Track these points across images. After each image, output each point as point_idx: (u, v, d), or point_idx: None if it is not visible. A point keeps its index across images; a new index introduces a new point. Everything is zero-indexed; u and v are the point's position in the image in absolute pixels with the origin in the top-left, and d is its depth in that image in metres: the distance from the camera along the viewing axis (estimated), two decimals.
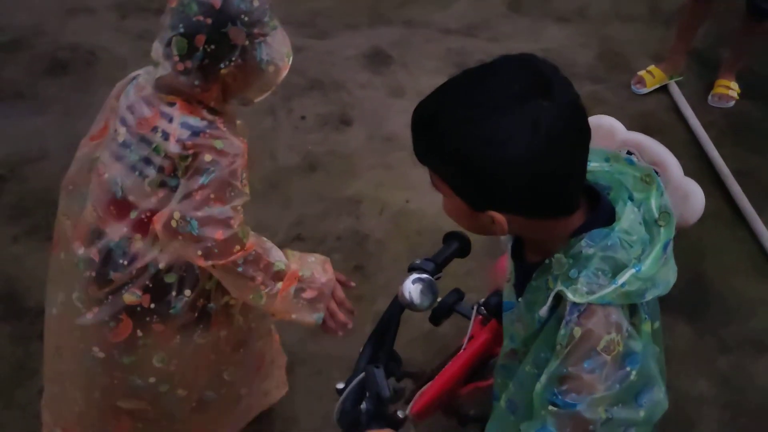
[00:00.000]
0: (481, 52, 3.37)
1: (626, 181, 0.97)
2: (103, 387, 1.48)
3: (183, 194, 1.24)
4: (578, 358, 0.89)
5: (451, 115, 0.87)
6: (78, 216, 1.39)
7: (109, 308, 1.37)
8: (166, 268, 1.33)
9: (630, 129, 2.99)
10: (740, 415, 2.01)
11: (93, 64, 3.14)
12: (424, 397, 1.37)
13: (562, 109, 0.85)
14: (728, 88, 3.13)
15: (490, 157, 0.84)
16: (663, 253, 0.90)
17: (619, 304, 0.89)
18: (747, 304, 2.31)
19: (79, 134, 2.74)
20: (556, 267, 0.93)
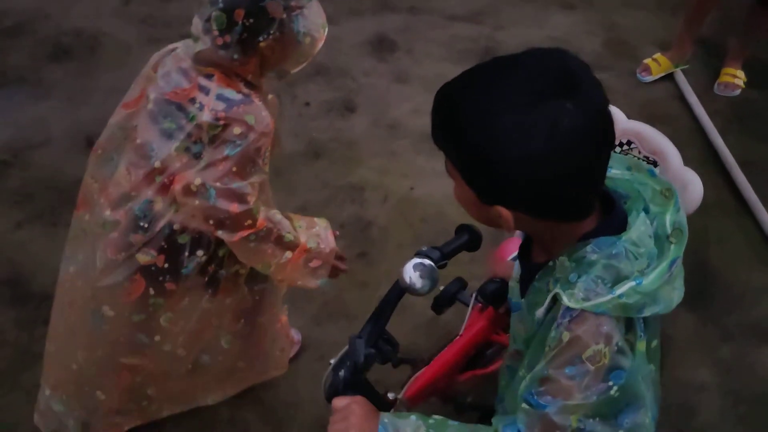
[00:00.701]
0: (487, 39, 3.35)
1: (645, 193, 0.95)
2: (109, 344, 1.53)
3: (207, 162, 1.28)
4: (561, 363, 0.88)
5: (472, 104, 0.85)
6: (107, 179, 1.43)
7: (124, 269, 1.41)
8: (180, 229, 1.36)
9: (636, 117, 2.99)
10: (741, 403, 2.02)
11: (96, 49, 3.14)
12: (418, 382, 1.38)
13: (585, 113, 0.82)
14: (734, 77, 3.12)
15: (503, 153, 0.82)
16: (668, 270, 0.88)
17: (615, 315, 0.87)
18: (750, 293, 2.31)
19: (83, 119, 2.78)
20: (558, 269, 0.92)
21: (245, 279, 1.53)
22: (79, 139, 2.70)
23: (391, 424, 0.99)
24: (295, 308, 2.11)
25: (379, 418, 1.01)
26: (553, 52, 0.86)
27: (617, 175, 0.97)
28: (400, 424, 0.99)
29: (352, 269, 2.26)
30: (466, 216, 1.00)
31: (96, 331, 1.52)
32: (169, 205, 1.35)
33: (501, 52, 3.60)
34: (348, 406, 1.04)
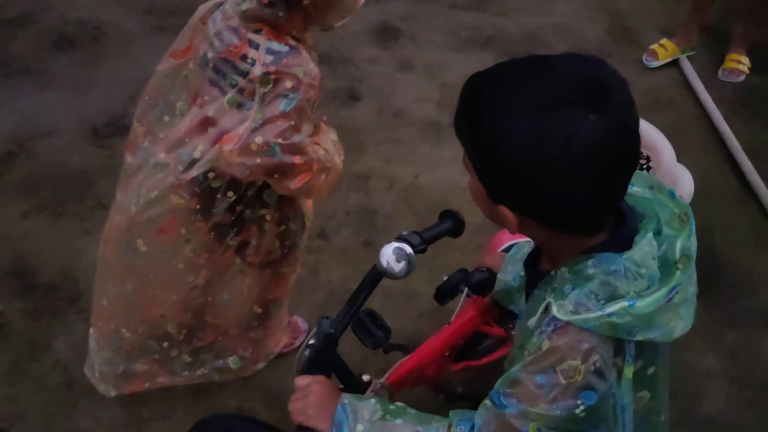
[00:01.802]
0: (490, 26, 3.34)
1: (663, 214, 0.92)
2: (138, 278, 1.62)
3: (264, 119, 1.32)
4: (535, 369, 0.87)
5: (494, 98, 0.83)
6: (152, 124, 1.51)
7: (159, 208, 1.50)
8: (214, 175, 1.42)
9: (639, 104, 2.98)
10: (747, 389, 2.03)
11: (100, 39, 3.13)
12: (401, 369, 1.38)
13: (607, 129, 0.78)
14: (739, 63, 3.11)
15: (514, 154, 0.80)
16: (667, 296, 0.84)
17: (603, 334, 0.84)
18: (756, 279, 2.31)
19: (88, 109, 2.78)
20: (558, 280, 0.90)
21: (278, 234, 1.59)
22: (85, 129, 2.70)
23: (350, 405, 1.00)
24: (300, 297, 2.12)
25: (340, 399, 1.02)
26: (590, 61, 0.83)
27: (638, 192, 0.95)
28: (359, 406, 1.00)
29: (357, 257, 2.28)
30: (470, 204, 1.00)
31: (128, 265, 1.61)
32: (210, 156, 1.41)
33: (504, 40, 3.61)
34: (309, 386, 1.06)
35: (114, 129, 2.72)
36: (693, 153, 2.77)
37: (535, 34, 3.32)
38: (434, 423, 0.99)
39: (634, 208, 0.94)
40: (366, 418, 0.99)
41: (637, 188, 0.95)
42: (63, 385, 1.93)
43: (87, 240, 2.29)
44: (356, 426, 0.98)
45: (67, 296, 2.14)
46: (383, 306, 2.15)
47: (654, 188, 0.96)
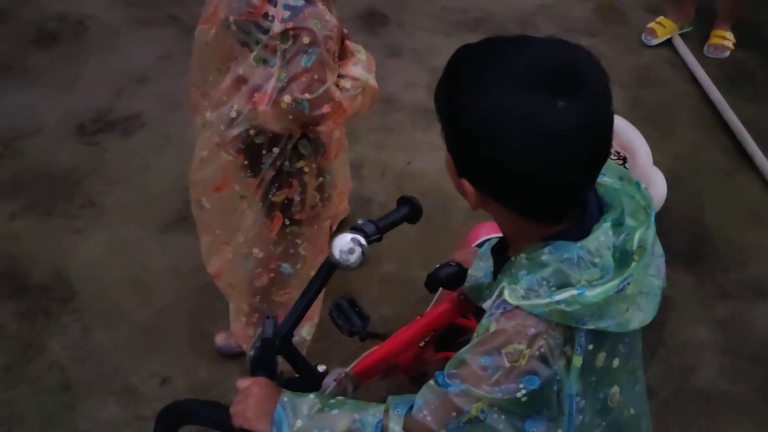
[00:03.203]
0: (478, 9, 3.33)
1: (628, 205, 0.91)
2: (210, 233, 1.75)
3: (289, 77, 1.35)
4: (480, 351, 0.87)
5: (473, 70, 0.83)
6: (206, 85, 1.57)
7: (212, 165, 1.59)
8: (255, 132, 1.48)
9: (629, 83, 3.00)
10: (740, 360, 2.06)
11: (82, 33, 3.09)
12: (368, 359, 1.38)
13: (576, 117, 0.77)
14: (724, 39, 3.12)
15: (480, 128, 0.80)
16: (618, 287, 0.83)
17: (551, 320, 0.84)
18: (745, 251, 2.34)
19: (74, 106, 2.75)
20: (516, 265, 0.90)
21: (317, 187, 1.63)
22: (71, 126, 2.68)
23: (289, 403, 1.01)
24: None
25: (279, 398, 1.02)
26: (572, 49, 0.82)
27: (609, 183, 0.94)
28: (298, 403, 1.01)
29: None
30: None
31: (200, 219, 1.75)
32: (246, 116, 1.46)
33: (491, 23, 3.60)
34: (248, 388, 1.07)
35: (101, 125, 2.69)
36: (682, 129, 2.79)
37: (523, 16, 3.32)
38: (371, 409, 0.99)
39: (603, 197, 0.93)
40: (305, 413, 1.00)
41: (607, 178, 0.95)
42: (60, 387, 1.92)
43: (78, 239, 2.28)
44: (295, 422, 0.99)
45: (61, 296, 2.12)
46: (381, 293, 2.17)
47: (624, 179, 0.95)
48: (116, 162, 2.55)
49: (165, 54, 3.02)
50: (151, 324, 2.06)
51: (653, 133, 2.75)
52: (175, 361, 1.98)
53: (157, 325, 2.06)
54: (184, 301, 2.12)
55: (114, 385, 1.92)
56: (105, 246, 2.26)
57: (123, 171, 2.52)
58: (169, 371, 1.96)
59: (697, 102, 2.90)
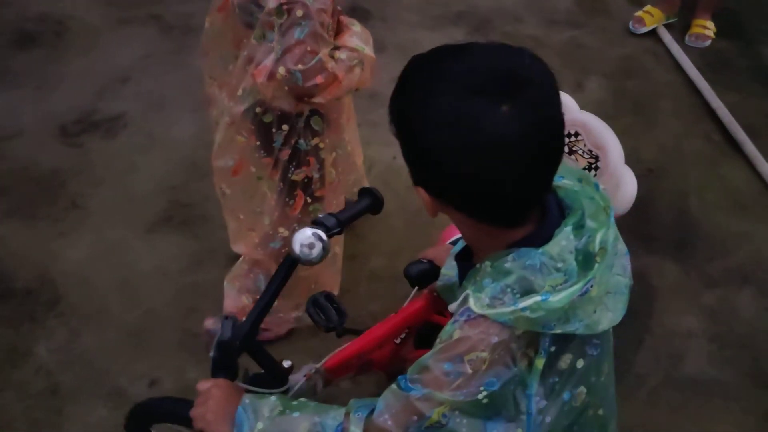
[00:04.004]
0: (461, 2, 3.33)
1: (588, 207, 0.91)
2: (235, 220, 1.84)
3: (283, 49, 1.40)
4: (444, 357, 0.87)
5: (420, 79, 0.83)
6: (222, 75, 1.62)
7: (229, 150, 1.65)
8: (263, 110, 1.53)
9: (612, 73, 3.01)
10: (727, 347, 2.08)
11: (63, 34, 3.06)
12: (339, 355, 1.37)
13: (520, 122, 0.77)
14: (705, 28, 3.14)
15: (427, 137, 0.81)
16: (581, 290, 0.83)
17: (517, 327, 0.84)
18: (730, 239, 2.36)
19: (55, 107, 2.72)
20: (480, 273, 0.90)
21: (333, 162, 1.67)
22: (53, 128, 2.65)
23: (251, 406, 1.01)
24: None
25: (241, 400, 1.02)
26: (515, 53, 0.82)
27: (568, 185, 0.94)
28: (260, 405, 1.01)
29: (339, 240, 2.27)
30: None
31: (225, 205, 1.82)
32: (248, 90, 1.50)
33: (474, 15, 3.60)
34: (208, 391, 1.06)
35: (84, 126, 2.67)
36: (665, 119, 2.80)
37: (505, 8, 3.32)
38: (332, 412, 1.00)
39: (564, 200, 0.94)
40: (266, 416, 0.99)
41: (566, 180, 0.95)
42: (47, 391, 1.90)
43: (63, 242, 2.26)
44: (256, 424, 0.99)
45: (46, 300, 2.10)
46: (370, 289, 2.17)
47: (582, 181, 0.95)
48: (100, 163, 2.53)
49: (147, 53, 2.99)
50: (139, 326, 2.05)
51: (637, 122, 2.77)
52: (163, 363, 1.97)
53: (144, 326, 2.05)
54: (171, 302, 2.11)
55: (102, 388, 1.90)
56: (90, 248, 2.25)
57: (107, 172, 2.50)
58: (158, 373, 1.94)
59: (680, 91, 2.92)
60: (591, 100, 2.85)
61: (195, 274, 2.19)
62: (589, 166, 1.47)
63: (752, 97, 2.89)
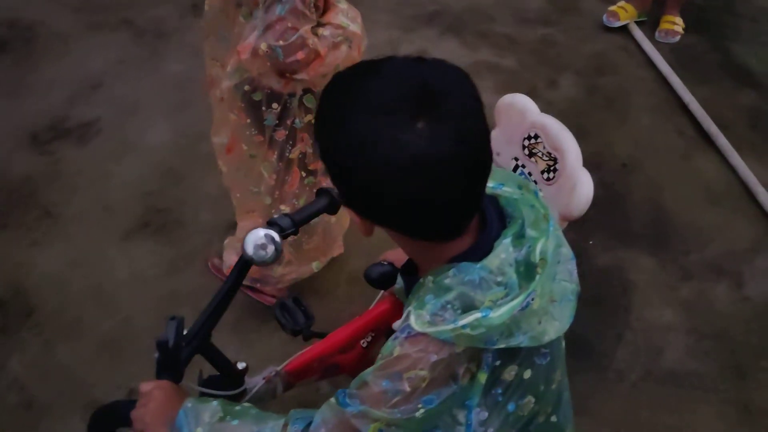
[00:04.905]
0: (434, 2, 3.33)
1: (528, 215, 0.89)
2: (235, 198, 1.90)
3: (265, 25, 1.44)
4: (383, 374, 0.86)
5: (335, 101, 0.82)
6: (224, 56, 1.63)
7: (224, 128, 1.70)
8: (251, 88, 1.57)
9: (584, 70, 3.04)
10: (704, 339, 2.10)
11: (32, 40, 3.01)
12: (301, 358, 1.36)
13: (438, 136, 0.75)
14: (673, 24, 3.19)
15: (346, 160, 0.79)
16: (522, 304, 0.82)
17: (458, 345, 0.82)
18: (705, 232, 2.39)
19: (26, 115, 2.68)
20: (423, 288, 0.87)
21: None
22: (24, 136, 2.60)
23: (192, 410, 1.00)
24: None
25: (183, 404, 1.01)
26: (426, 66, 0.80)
27: (508, 193, 0.92)
28: (201, 409, 0.99)
29: None
30: None
31: (225, 183, 1.88)
32: (234, 66, 1.54)
33: (448, 15, 3.60)
34: (150, 392, 1.05)
35: (56, 133, 2.62)
36: (638, 114, 2.83)
37: (478, 7, 3.33)
38: (270, 422, 0.99)
39: (505, 208, 0.92)
40: (206, 421, 0.98)
41: (507, 188, 0.93)
42: (21, 406, 1.86)
43: (35, 251, 2.22)
44: (196, 429, 0.98)
45: (19, 312, 2.06)
46: (349, 291, 2.16)
47: (522, 188, 0.93)
48: (73, 171, 2.49)
49: (119, 58, 2.96)
50: (115, 335, 2.02)
51: (611, 118, 2.80)
52: (141, 372, 1.90)
53: (121, 335, 2.01)
54: (148, 310, 2.08)
55: (78, 400, 1.87)
56: (64, 257, 2.21)
57: (80, 179, 2.46)
58: (136, 382, 1.87)
59: (652, 86, 2.95)
60: (565, 96, 2.88)
61: (172, 280, 2.16)
62: (548, 168, 1.48)
63: (722, 90, 2.93)
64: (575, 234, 2.31)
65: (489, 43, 3.12)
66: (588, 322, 2.11)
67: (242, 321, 2.05)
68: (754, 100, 2.90)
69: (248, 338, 2.01)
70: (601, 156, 2.62)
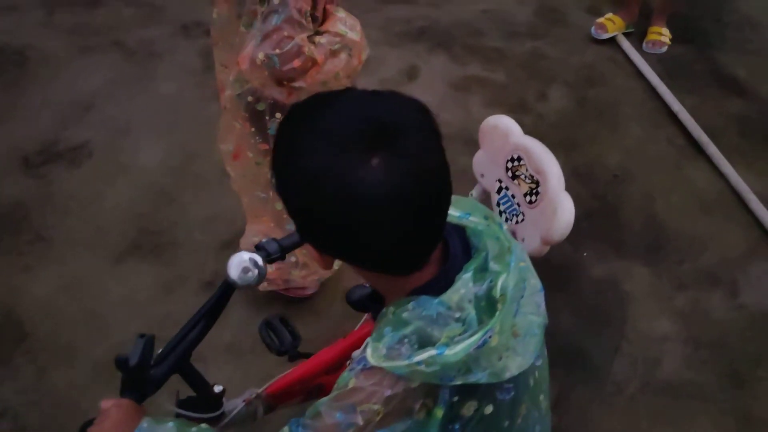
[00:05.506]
0: (422, 18, 3.35)
1: (493, 248, 0.87)
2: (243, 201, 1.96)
3: (262, 35, 1.47)
4: (337, 406, 0.85)
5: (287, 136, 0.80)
6: (232, 63, 1.65)
7: (230, 135, 1.73)
8: (255, 99, 1.60)
9: (573, 81, 3.06)
10: (701, 348, 2.10)
11: (23, 64, 3.01)
12: (282, 381, 1.34)
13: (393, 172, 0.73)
14: (660, 34, 3.22)
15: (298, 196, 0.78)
16: (479, 341, 0.79)
17: (414, 380, 0.81)
18: (698, 241, 2.40)
19: (17, 138, 2.67)
20: (384, 319, 0.85)
21: None
22: (15, 159, 2.59)
23: (148, 430, 0.99)
24: (258, 309, 2.09)
25: (139, 424, 1.00)
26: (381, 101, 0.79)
27: (475, 223, 0.90)
28: (157, 430, 0.98)
29: None
30: None
31: (233, 186, 1.91)
32: (235, 76, 1.58)
33: (436, 31, 3.62)
34: (107, 410, 1.04)
35: (47, 156, 2.61)
36: (628, 124, 2.85)
37: (467, 22, 3.35)
38: None
39: (471, 239, 0.90)
40: None
41: (473, 218, 0.91)
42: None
43: (28, 276, 2.20)
44: None
45: (11, 338, 2.04)
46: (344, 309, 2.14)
47: (488, 219, 0.92)
48: (64, 193, 2.48)
49: (110, 80, 2.96)
50: (109, 359, 1.93)
51: (601, 129, 2.82)
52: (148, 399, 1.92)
53: None
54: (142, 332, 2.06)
55: (71, 426, 1.81)
56: (56, 281, 2.19)
57: (72, 202, 2.45)
58: None
59: (641, 97, 2.97)
60: (555, 109, 2.89)
61: (166, 303, 2.15)
62: (530, 191, 1.48)
63: (710, 99, 2.96)
64: (569, 246, 2.32)
65: (478, 58, 3.14)
66: (584, 334, 2.10)
67: (238, 341, 2.04)
68: (741, 108, 2.93)
69: (244, 359, 2.00)
70: (592, 167, 2.63)
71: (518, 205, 1.53)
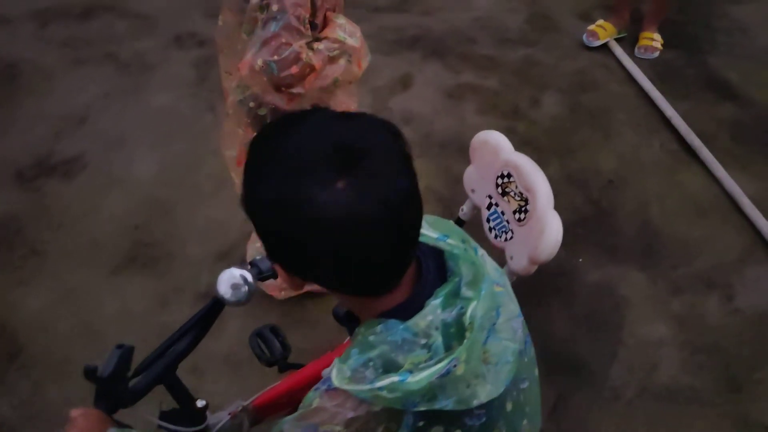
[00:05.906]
0: (414, 26, 3.37)
1: (466, 274, 0.85)
2: None
3: (261, 42, 1.49)
4: (299, 425, 0.84)
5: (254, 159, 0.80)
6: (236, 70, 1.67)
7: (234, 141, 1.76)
8: (256, 104, 1.63)
9: (566, 88, 3.07)
10: (698, 353, 2.10)
11: (16, 77, 3.01)
12: (269, 393, 1.33)
13: (358, 196, 0.72)
14: (652, 40, 3.24)
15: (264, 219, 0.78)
16: (444, 369, 0.78)
17: (377, 405, 0.80)
18: (693, 245, 2.40)
19: (10, 152, 2.67)
20: (355, 339, 0.84)
21: None
22: (8, 173, 2.59)
23: None
24: (255, 320, 2.08)
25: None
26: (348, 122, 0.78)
27: (452, 246, 0.89)
28: None
29: None
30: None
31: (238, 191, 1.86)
32: (236, 83, 1.61)
33: (429, 39, 3.63)
34: (75, 419, 1.04)
35: (41, 170, 2.61)
36: (621, 130, 2.86)
37: (459, 30, 3.37)
38: None
39: (448, 261, 0.89)
40: None
41: (451, 240, 0.90)
42: None
43: (22, 290, 2.19)
44: None
45: (6, 353, 2.03)
46: None
47: (466, 242, 0.90)
48: (59, 207, 2.47)
49: (103, 92, 2.96)
50: None
51: (595, 135, 2.83)
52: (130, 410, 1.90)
53: None
54: (138, 345, 2.04)
55: None
56: (51, 295, 2.18)
57: (66, 215, 2.44)
58: (126, 421, 1.88)
59: (634, 102, 2.99)
60: (548, 115, 2.90)
61: (162, 314, 2.14)
62: (519, 209, 1.48)
63: (703, 104, 2.97)
64: (564, 252, 2.32)
65: (471, 65, 3.16)
66: (581, 339, 2.10)
67: (234, 352, 2.03)
68: (733, 112, 2.94)
69: (241, 370, 1.99)
70: (586, 173, 2.64)
71: (507, 222, 1.52)
